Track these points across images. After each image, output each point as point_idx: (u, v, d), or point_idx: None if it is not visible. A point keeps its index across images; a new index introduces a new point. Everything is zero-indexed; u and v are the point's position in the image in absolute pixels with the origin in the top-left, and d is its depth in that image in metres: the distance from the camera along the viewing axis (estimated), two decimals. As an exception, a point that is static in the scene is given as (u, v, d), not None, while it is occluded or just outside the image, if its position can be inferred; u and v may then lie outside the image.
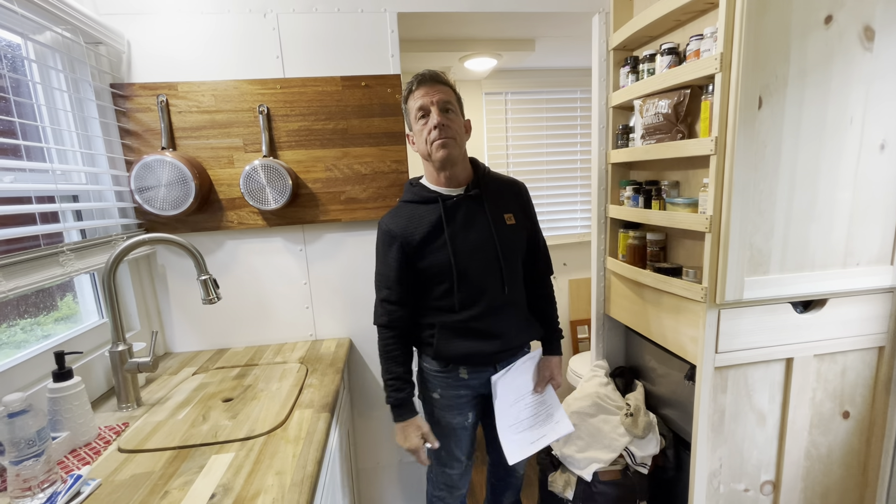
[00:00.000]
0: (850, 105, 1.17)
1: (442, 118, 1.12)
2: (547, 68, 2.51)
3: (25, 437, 0.76)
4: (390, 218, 1.22)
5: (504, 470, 1.46)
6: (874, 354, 1.36)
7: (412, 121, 1.18)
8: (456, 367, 1.26)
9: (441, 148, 1.13)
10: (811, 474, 1.40)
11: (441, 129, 1.12)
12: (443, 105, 1.14)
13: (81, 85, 1.29)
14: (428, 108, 1.13)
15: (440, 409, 1.29)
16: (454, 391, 1.27)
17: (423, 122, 1.14)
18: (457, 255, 1.17)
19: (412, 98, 1.16)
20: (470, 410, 1.30)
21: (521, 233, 1.26)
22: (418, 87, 1.14)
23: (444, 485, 1.36)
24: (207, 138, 1.44)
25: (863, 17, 1.13)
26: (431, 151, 1.15)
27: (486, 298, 1.20)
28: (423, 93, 1.14)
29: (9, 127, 1.09)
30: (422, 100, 1.14)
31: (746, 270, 1.19)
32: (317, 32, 1.46)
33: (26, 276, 0.96)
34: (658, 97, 1.36)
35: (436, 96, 1.13)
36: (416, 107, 1.14)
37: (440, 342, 1.22)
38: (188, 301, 1.54)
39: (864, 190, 1.22)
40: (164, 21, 1.38)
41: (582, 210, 2.75)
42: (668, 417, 1.60)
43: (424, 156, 1.19)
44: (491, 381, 1.26)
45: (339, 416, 1.36)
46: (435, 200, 1.19)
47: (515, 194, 1.29)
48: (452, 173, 1.20)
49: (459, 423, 1.30)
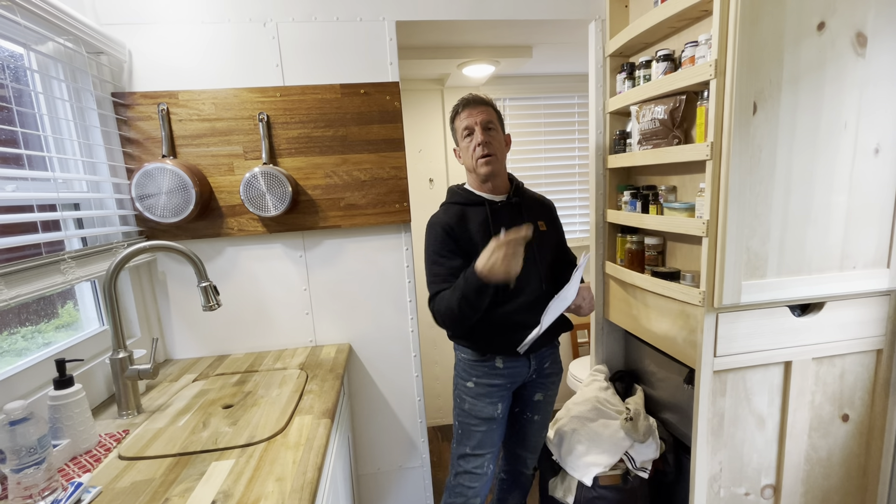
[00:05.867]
0: (843, 110, 1.18)
1: (485, 136, 1.28)
2: (544, 74, 2.53)
3: (26, 444, 0.76)
4: (443, 214, 1.34)
5: (516, 462, 1.50)
6: (872, 357, 1.36)
7: (459, 139, 1.35)
8: (493, 357, 1.35)
9: (485, 165, 1.29)
10: (811, 478, 1.40)
11: (484, 146, 1.28)
12: (485, 124, 1.28)
13: (83, 94, 1.30)
14: (472, 127, 1.29)
15: (473, 397, 1.36)
16: (488, 380, 1.35)
17: (469, 140, 1.31)
18: None
19: (458, 119, 1.32)
20: (500, 402, 1.37)
21: (551, 241, 1.41)
22: (463, 108, 1.31)
23: (462, 487, 1.40)
24: (208, 146, 1.45)
25: (855, 24, 1.14)
26: (476, 166, 1.30)
27: (526, 293, 1.31)
28: (467, 114, 1.30)
29: (11, 136, 1.10)
30: (467, 120, 1.29)
31: (744, 274, 1.20)
32: (316, 41, 1.48)
33: (28, 284, 0.97)
34: (654, 103, 1.38)
35: (479, 116, 1.29)
36: (462, 126, 1.31)
37: (479, 333, 1.31)
38: (188, 308, 1.54)
39: (859, 194, 1.23)
40: (165, 30, 1.40)
41: (580, 215, 2.76)
42: (667, 421, 1.60)
43: (470, 169, 1.35)
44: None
45: (340, 422, 1.37)
46: (482, 203, 1.34)
47: (546, 208, 1.45)
48: (494, 184, 1.35)
49: (490, 414, 1.36)
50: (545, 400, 1.44)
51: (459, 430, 1.40)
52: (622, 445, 1.53)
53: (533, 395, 1.42)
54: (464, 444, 1.39)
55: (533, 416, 1.44)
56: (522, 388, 1.42)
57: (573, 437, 1.59)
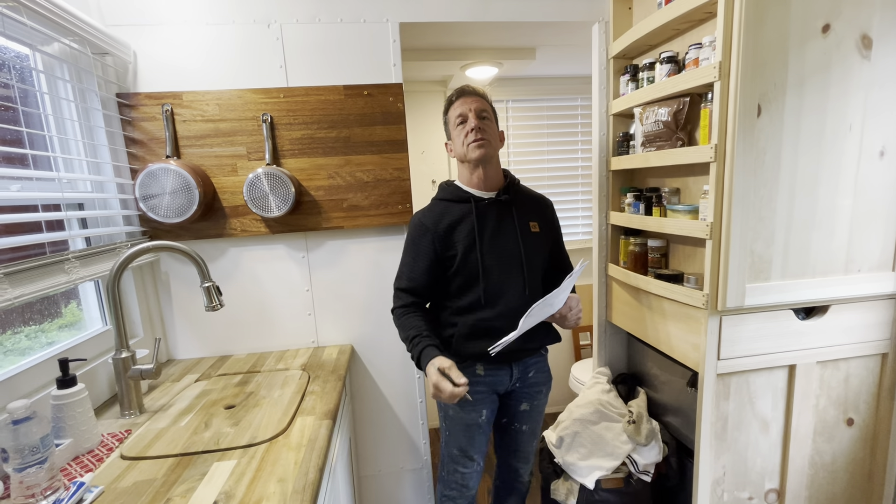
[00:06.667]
0: (849, 113, 1.17)
1: (478, 122, 1.24)
2: (547, 76, 2.53)
3: (29, 444, 0.77)
4: (424, 213, 1.31)
5: (509, 473, 1.46)
6: (877, 361, 1.35)
7: (451, 128, 1.30)
8: (473, 363, 1.30)
9: (477, 148, 1.23)
10: (816, 482, 1.39)
11: (477, 132, 1.23)
12: (479, 112, 1.25)
13: (88, 95, 1.31)
14: (466, 114, 1.25)
15: (456, 404, 1.32)
16: (470, 387, 1.28)
17: (462, 127, 1.26)
18: (483, 253, 1.24)
19: (452, 108, 1.28)
20: (484, 408, 1.33)
21: (544, 242, 1.34)
22: (458, 98, 1.27)
23: (456, 483, 1.37)
24: (211, 146, 1.45)
25: (860, 26, 1.14)
26: (467, 152, 1.25)
27: (507, 299, 1.26)
28: (461, 102, 1.27)
29: (16, 136, 1.11)
30: (461, 108, 1.26)
31: (748, 277, 1.20)
32: (320, 42, 1.48)
33: (32, 284, 0.97)
34: (658, 105, 1.37)
35: (473, 105, 1.25)
36: (456, 114, 1.27)
37: (459, 339, 1.27)
38: (191, 308, 1.55)
39: (864, 197, 1.23)
40: (170, 32, 1.40)
41: (583, 217, 2.76)
42: (670, 425, 1.59)
43: (461, 157, 1.29)
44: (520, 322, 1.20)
45: (341, 423, 1.36)
46: (468, 200, 1.28)
47: (542, 207, 1.38)
48: (486, 174, 1.28)
49: (473, 420, 1.32)
50: (532, 410, 1.39)
51: (447, 431, 1.37)
52: (625, 448, 1.52)
53: (519, 404, 1.38)
54: (451, 446, 1.36)
55: (521, 427, 1.40)
56: (508, 397, 1.38)
57: (575, 439, 1.58)
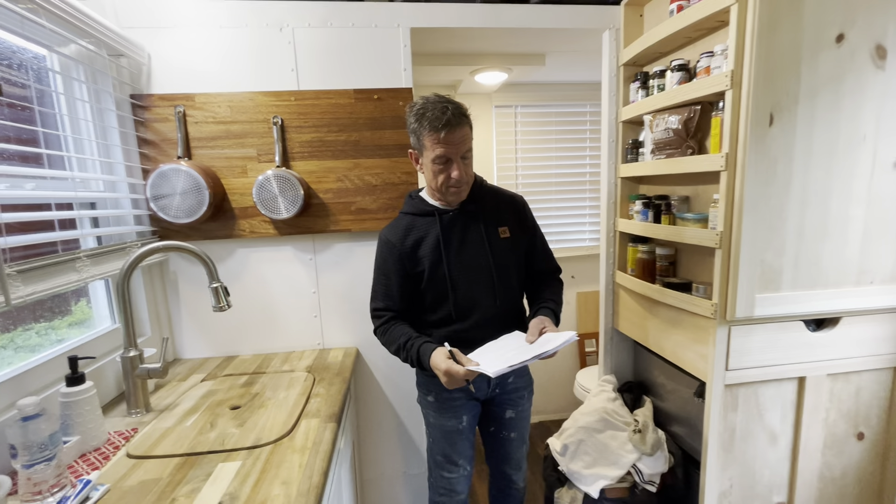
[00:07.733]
0: (862, 123, 1.16)
1: (462, 171, 1.13)
2: (557, 82, 2.53)
3: (38, 440, 0.77)
4: (389, 229, 1.27)
5: (503, 480, 1.45)
6: (889, 375, 1.33)
7: (426, 156, 1.14)
8: None
9: (457, 194, 1.18)
10: (825, 497, 1.36)
11: (460, 179, 1.13)
12: (465, 154, 1.13)
13: (102, 95, 1.33)
14: (451, 158, 1.12)
15: (435, 411, 1.32)
16: (448, 393, 1.29)
17: (441, 167, 1.13)
18: (451, 267, 1.21)
19: (431, 138, 1.10)
20: (464, 414, 1.31)
21: (515, 247, 1.28)
22: (444, 130, 1.07)
23: (444, 489, 1.36)
24: (222, 148, 1.47)
25: (875, 36, 1.13)
26: (445, 193, 1.17)
27: (479, 310, 1.23)
28: (447, 140, 1.09)
29: (32, 136, 1.12)
30: (445, 148, 1.10)
31: (757, 287, 1.18)
32: (331, 46, 1.49)
33: (44, 282, 0.98)
34: (668, 113, 1.37)
35: (461, 146, 1.11)
36: (437, 154, 1.11)
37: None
38: (198, 308, 1.56)
39: (877, 208, 1.21)
40: (184, 34, 1.42)
41: (591, 223, 2.75)
42: (677, 435, 1.57)
43: (432, 186, 1.20)
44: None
45: (345, 425, 1.36)
46: (432, 214, 1.23)
47: (511, 207, 1.30)
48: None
49: (453, 427, 1.31)
50: (517, 416, 1.37)
51: (430, 438, 1.37)
52: (630, 458, 1.51)
53: (504, 412, 1.35)
54: (435, 453, 1.35)
55: (509, 434, 1.38)
56: (490, 403, 1.36)
57: (580, 447, 1.57)
